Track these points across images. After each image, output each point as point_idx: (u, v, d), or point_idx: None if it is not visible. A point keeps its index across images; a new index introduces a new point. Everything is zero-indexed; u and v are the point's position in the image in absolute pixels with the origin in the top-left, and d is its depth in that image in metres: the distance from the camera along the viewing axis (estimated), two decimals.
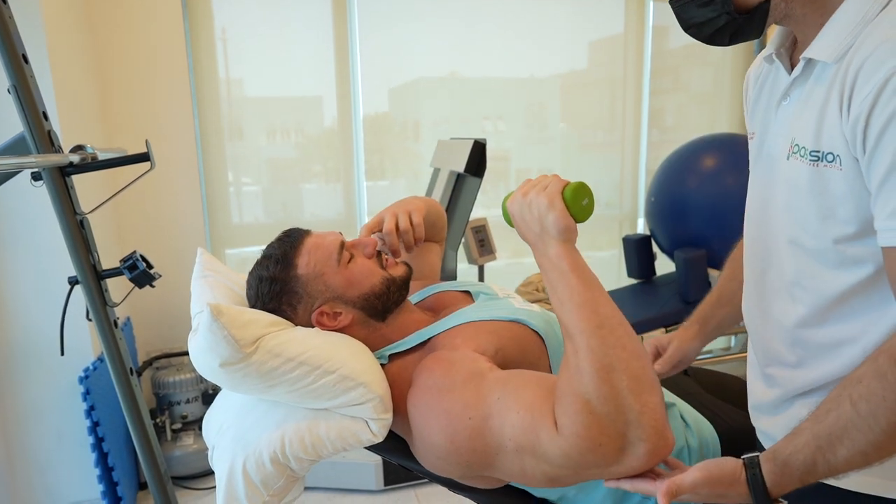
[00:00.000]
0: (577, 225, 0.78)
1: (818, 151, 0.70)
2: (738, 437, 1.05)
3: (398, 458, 1.00)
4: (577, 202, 0.78)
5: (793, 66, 0.77)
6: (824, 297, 0.74)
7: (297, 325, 0.95)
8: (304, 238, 0.98)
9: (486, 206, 3.01)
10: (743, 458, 0.70)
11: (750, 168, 0.89)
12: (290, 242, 0.97)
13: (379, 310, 0.98)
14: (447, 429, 0.80)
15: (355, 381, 0.86)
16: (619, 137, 3.15)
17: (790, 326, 0.79)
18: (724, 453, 1.01)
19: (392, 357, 0.97)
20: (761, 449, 0.88)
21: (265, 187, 2.73)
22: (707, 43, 0.80)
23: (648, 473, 0.72)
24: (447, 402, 0.82)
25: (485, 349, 0.89)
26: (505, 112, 3.00)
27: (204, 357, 0.84)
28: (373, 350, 0.97)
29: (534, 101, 3.05)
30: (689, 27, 0.78)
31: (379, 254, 1.02)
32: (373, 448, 0.97)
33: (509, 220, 0.85)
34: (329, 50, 2.67)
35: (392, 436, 0.94)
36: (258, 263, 0.99)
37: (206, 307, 0.81)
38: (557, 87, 3.04)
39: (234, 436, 0.91)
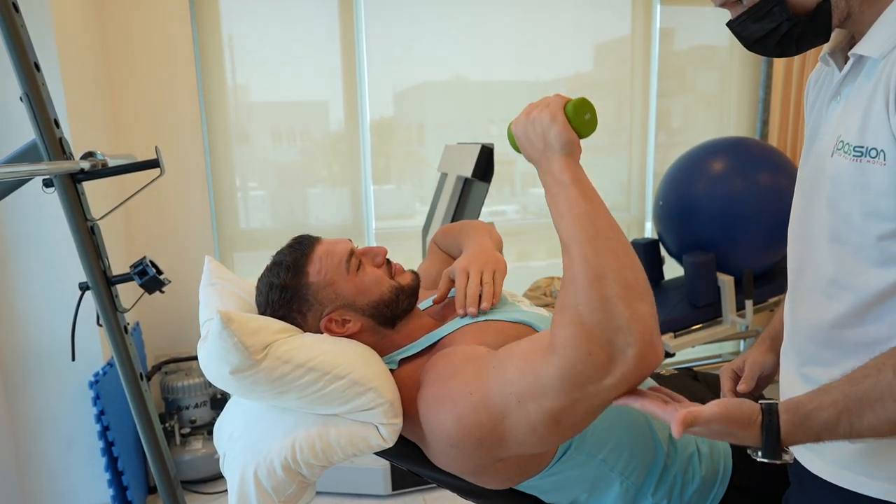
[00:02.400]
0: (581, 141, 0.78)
1: (862, 147, 0.70)
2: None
3: (407, 463, 1.00)
4: (580, 116, 0.78)
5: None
6: (863, 296, 0.74)
7: (306, 331, 0.96)
8: (314, 245, 0.98)
9: (492, 210, 3.01)
10: (761, 403, 0.70)
11: (798, 170, 0.88)
12: (300, 250, 0.98)
13: (388, 317, 0.98)
14: (452, 411, 0.81)
15: (365, 387, 0.86)
16: (626, 140, 3.14)
17: (826, 326, 0.78)
18: (737, 460, 1.01)
19: (402, 362, 0.97)
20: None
21: (271, 192, 2.75)
22: (777, 56, 0.80)
23: (656, 396, 0.71)
24: (449, 387, 0.83)
25: (489, 344, 0.90)
26: (511, 115, 2.97)
27: (214, 364, 0.84)
28: (382, 355, 0.97)
29: None
30: (753, 43, 0.78)
31: (388, 262, 1.02)
32: (382, 454, 0.97)
33: (514, 144, 0.85)
34: (335, 54, 2.68)
35: (402, 441, 0.94)
36: (268, 270, 0.99)
37: (216, 314, 0.82)
38: (563, 89, 3.04)
39: (245, 443, 0.92)
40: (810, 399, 0.69)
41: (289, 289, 0.95)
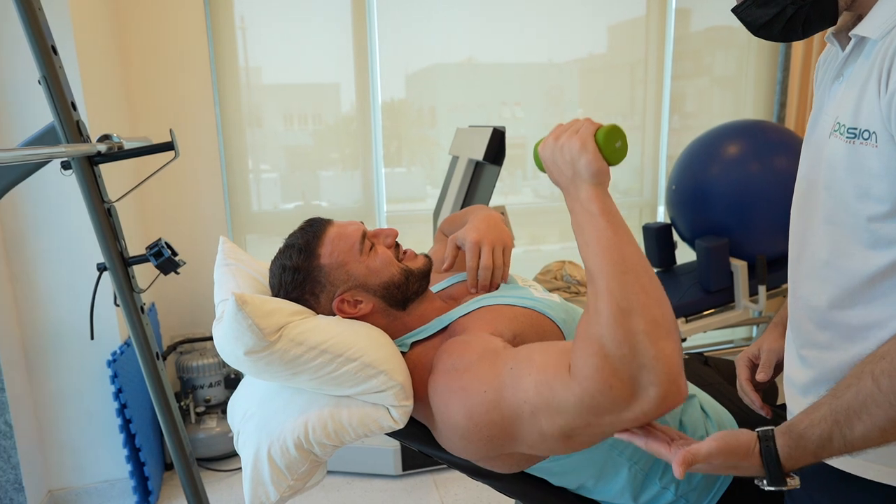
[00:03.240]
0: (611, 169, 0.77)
1: (855, 129, 0.70)
2: (761, 425, 1.04)
3: (418, 444, 1.02)
4: (611, 145, 0.76)
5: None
6: (855, 278, 0.74)
7: (319, 313, 0.97)
8: (326, 228, 0.99)
9: (503, 194, 3.01)
10: (757, 431, 0.70)
11: (802, 151, 0.88)
12: (312, 232, 0.99)
13: (399, 299, 0.99)
14: (465, 406, 0.82)
15: (377, 369, 0.87)
16: (639, 123, 3.11)
17: (822, 308, 0.79)
18: None
19: (413, 345, 0.98)
20: None
21: (283, 174, 2.76)
22: (783, 40, 0.79)
23: (662, 436, 0.72)
24: (464, 380, 0.83)
25: (502, 333, 0.90)
26: (523, 98, 2.97)
27: (229, 345, 0.86)
28: (394, 338, 0.98)
29: (552, 87, 3.01)
30: (759, 28, 0.78)
31: (397, 245, 1.03)
32: (393, 434, 0.99)
33: (540, 166, 0.84)
34: (347, 37, 2.67)
35: (412, 422, 0.96)
36: (281, 253, 1.00)
37: (231, 296, 0.83)
38: (576, 71, 3.01)
39: (259, 422, 0.94)
40: (802, 419, 0.69)
41: (301, 270, 0.97)
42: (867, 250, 0.72)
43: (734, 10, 0.78)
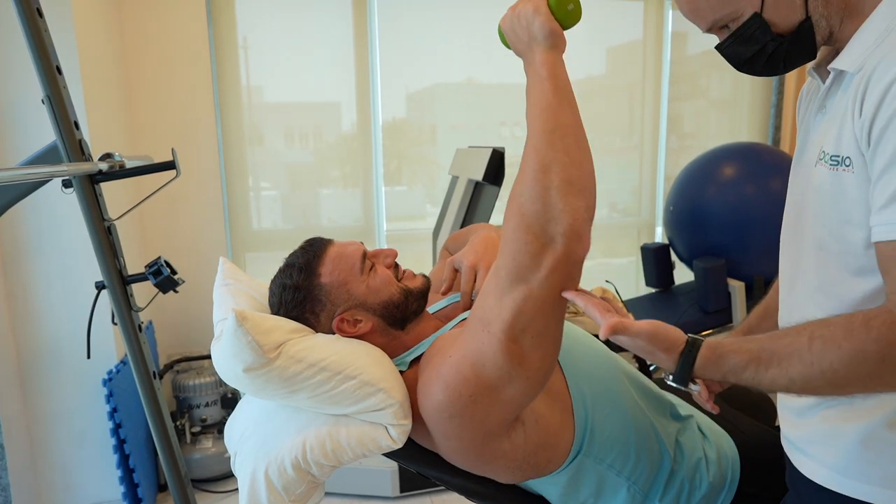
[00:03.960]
0: (567, 41, 0.81)
1: (837, 156, 0.72)
2: (758, 450, 1.04)
3: (415, 464, 1.01)
4: (563, 7, 0.79)
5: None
6: (845, 304, 0.75)
7: (318, 332, 0.97)
8: (327, 247, 1.00)
9: (502, 210, 3.01)
10: (688, 336, 0.76)
11: (789, 179, 0.90)
12: (313, 252, 0.99)
13: (398, 318, 0.99)
14: (438, 381, 0.84)
15: (375, 387, 0.87)
16: (637, 143, 3.14)
17: None
18: (745, 466, 1.01)
19: (411, 363, 0.98)
20: (789, 462, 0.88)
21: (284, 192, 2.77)
22: (766, 75, 0.82)
23: (600, 302, 0.75)
24: (433, 364, 0.88)
25: None
26: (522, 118, 2.99)
27: (228, 362, 0.85)
28: (392, 357, 0.98)
29: None
30: (742, 64, 0.81)
31: (396, 266, 1.03)
32: (391, 455, 0.98)
33: (504, 40, 0.86)
34: (348, 56, 2.70)
35: (409, 442, 0.95)
36: (281, 272, 1.00)
37: (231, 313, 0.83)
38: (575, 93, 3.04)
39: (256, 442, 0.93)
40: (731, 343, 0.73)
41: (302, 289, 0.97)
42: (854, 277, 0.74)
43: (718, 48, 0.81)
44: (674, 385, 0.75)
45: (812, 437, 0.82)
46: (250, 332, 0.83)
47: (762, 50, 0.77)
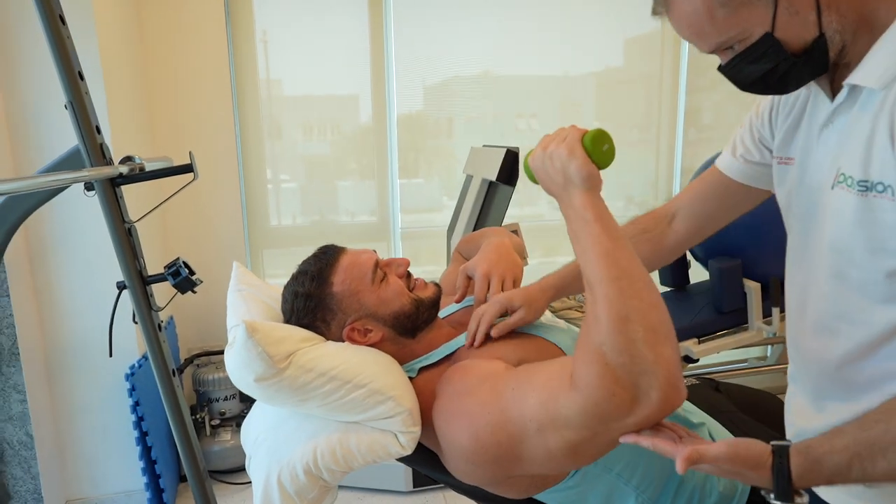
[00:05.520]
0: (601, 172, 0.78)
1: (867, 181, 0.68)
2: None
3: (427, 468, 1.03)
4: (598, 148, 0.77)
5: (834, 93, 0.75)
6: (872, 332, 0.72)
7: (329, 339, 0.99)
8: (339, 256, 1.01)
9: (519, 205, 3.01)
10: (772, 444, 0.70)
11: (785, 194, 0.86)
12: (325, 260, 1.00)
13: (409, 328, 1.00)
14: (469, 429, 0.82)
15: (385, 395, 0.89)
16: (654, 136, 3.10)
17: (834, 362, 0.77)
18: None
19: (421, 370, 0.99)
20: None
21: (302, 185, 2.80)
22: (773, 93, 0.78)
23: (670, 433, 0.71)
24: (466, 404, 0.84)
25: (506, 357, 0.91)
26: (539, 110, 2.99)
27: (239, 372, 0.88)
28: (402, 363, 0.99)
29: (568, 99, 3.03)
30: (750, 85, 0.75)
31: (409, 275, 1.04)
32: (402, 459, 1.00)
33: (532, 178, 0.84)
34: (365, 49, 2.71)
35: (420, 447, 0.97)
36: (294, 279, 1.02)
37: (241, 324, 0.85)
38: (592, 84, 3.02)
39: (269, 448, 0.95)
40: (821, 443, 0.68)
41: (313, 297, 0.98)
42: (882, 305, 0.70)
43: (721, 69, 0.76)
44: (779, 503, 0.68)
45: None
46: (260, 343, 0.84)
47: (774, 69, 0.71)
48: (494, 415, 0.80)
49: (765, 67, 0.72)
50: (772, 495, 0.69)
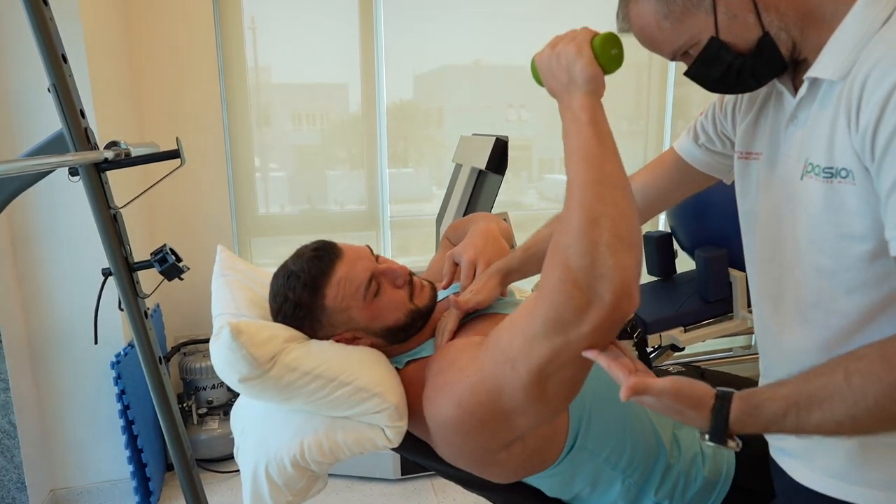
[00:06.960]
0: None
1: (831, 168, 0.70)
2: (754, 444, 1.05)
3: (415, 455, 1.03)
4: (607, 51, 0.76)
5: (796, 88, 0.77)
6: (848, 319, 0.74)
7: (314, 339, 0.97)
8: (335, 264, 0.96)
9: (509, 195, 3.01)
10: (717, 389, 0.71)
11: (746, 188, 0.88)
12: (320, 267, 0.95)
13: (400, 338, 1.00)
14: (452, 398, 0.83)
15: (371, 392, 0.88)
16: (642, 127, 3.11)
17: (814, 351, 0.78)
18: (740, 462, 1.02)
19: (408, 362, 0.99)
20: (776, 466, 0.89)
21: (290, 173, 2.78)
22: (740, 92, 0.80)
23: (626, 362, 0.72)
24: (447, 376, 0.86)
25: (486, 333, 0.91)
26: (528, 100, 2.99)
27: (224, 371, 0.87)
28: (390, 357, 0.99)
29: None
30: (713, 86, 0.79)
31: (411, 280, 1.01)
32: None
33: (537, 77, 0.82)
34: (355, 38, 2.68)
35: (409, 435, 0.97)
36: (286, 278, 0.97)
37: (227, 326, 0.84)
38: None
39: (256, 440, 0.95)
40: (763, 391, 0.70)
41: (303, 307, 0.95)
42: (854, 291, 0.72)
43: (687, 74, 0.79)
44: (711, 444, 0.71)
45: (808, 444, 0.81)
46: (245, 345, 0.83)
47: (729, 69, 0.74)
48: (472, 376, 0.82)
49: (720, 69, 0.75)
50: (707, 436, 0.71)
